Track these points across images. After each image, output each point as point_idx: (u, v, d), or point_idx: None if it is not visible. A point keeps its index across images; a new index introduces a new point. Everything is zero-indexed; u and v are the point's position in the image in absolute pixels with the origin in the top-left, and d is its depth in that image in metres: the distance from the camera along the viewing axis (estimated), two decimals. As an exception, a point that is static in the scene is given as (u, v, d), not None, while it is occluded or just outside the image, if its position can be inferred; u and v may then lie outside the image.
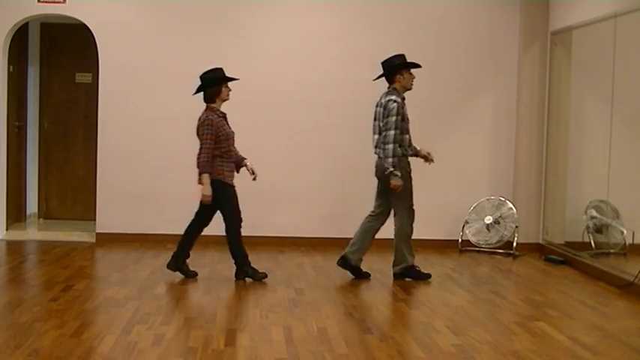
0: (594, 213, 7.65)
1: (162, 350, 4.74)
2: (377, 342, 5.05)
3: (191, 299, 6.04)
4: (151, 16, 8.53)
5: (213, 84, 6.71)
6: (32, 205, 9.67)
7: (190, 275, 6.80)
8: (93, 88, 9.09)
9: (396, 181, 6.63)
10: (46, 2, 8.40)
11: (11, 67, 8.75)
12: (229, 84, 6.79)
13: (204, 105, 8.51)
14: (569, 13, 8.11)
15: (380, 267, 7.55)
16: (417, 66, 6.79)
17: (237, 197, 6.72)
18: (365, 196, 8.60)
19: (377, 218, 6.97)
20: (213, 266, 7.38)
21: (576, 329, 5.51)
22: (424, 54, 8.62)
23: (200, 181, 6.61)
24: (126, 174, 8.51)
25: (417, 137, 8.53)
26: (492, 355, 4.85)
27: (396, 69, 6.74)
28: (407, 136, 6.75)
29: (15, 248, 8.12)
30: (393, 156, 6.62)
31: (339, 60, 8.59)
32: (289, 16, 8.59)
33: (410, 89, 6.80)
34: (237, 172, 6.85)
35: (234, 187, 6.73)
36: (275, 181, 8.52)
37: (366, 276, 6.94)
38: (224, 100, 6.77)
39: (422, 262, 7.90)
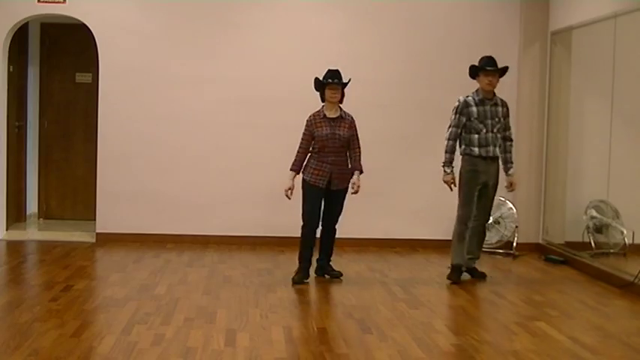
0: (594, 213, 7.65)
1: (162, 350, 4.74)
2: (377, 342, 5.06)
3: (191, 299, 6.04)
4: (151, 16, 8.53)
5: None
6: (32, 205, 9.67)
7: (335, 275, 6.94)
8: (93, 88, 9.09)
9: (444, 177, 6.89)
10: (46, 2, 8.39)
11: (11, 67, 8.75)
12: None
13: (204, 105, 8.56)
14: (569, 13, 8.11)
15: (380, 267, 7.56)
16: (484, 69, 6.85)
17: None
18: (364, 196, 8.61)
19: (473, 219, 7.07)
20: (214, 266, 7.38)
21: (576, 329, 5.51)
22: (425, 54, 8.65)
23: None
24: (126, 174, 8.52)
25: (418, 136, 8.53)
26: (492, 355, 4.85)
27: (472, 73, 6.94)
28: (475, 135, 6.84)
29: (15, 248, 8.12)
30: (446, 152, 6.86)
31: (339, 60, 8.56)
32: (289, 16, 8.59)
33: (486, 90, 6.88)
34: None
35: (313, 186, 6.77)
36: (275, 181, 8.50)
37: (482, 276, 7.10)
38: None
39: (422, 261, 7.92)
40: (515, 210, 8.41)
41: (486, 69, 6.85)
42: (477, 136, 6.84)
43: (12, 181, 8.88)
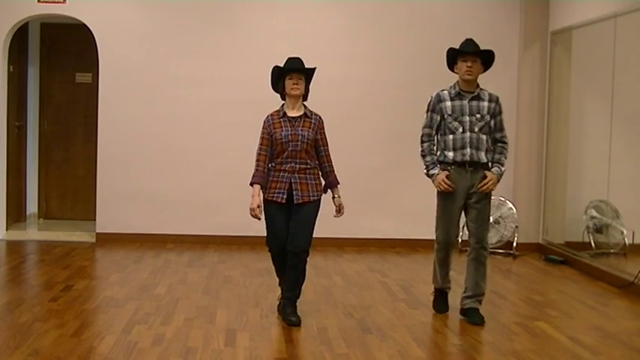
0: (594, 213, 7.65)
1: (162, 350, 4.74)
2: (377, 342, 5.06)
3: (191, 299, 6.04)
4: (151, 16, 8.53)
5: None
6: (32, 205, 9.67)
7: (291, 323, 5.45)
8: (93, 88, 9.09)
9: (435, 180, 5.65)
10: (46, 2, 8.39)
11: (11, 67, 8.75)
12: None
13: (204, 105, 8.56)
14: (569, 13, 8.11)
15: (379, 267, 7.55)
16: (463, 52, 5.65)
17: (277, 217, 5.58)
18: (364, 197, 8.63)
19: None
20: (214, 266, 7.38)
21: (576, 329, 5.51)
22: (424, 54, 8.64)
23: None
24: (126, 174, 8.52)
25: (419, 136, 8.53)
26: (492, 355, 4.85)
27: (449, 61, 5.76)
28: (450, 136, 5.62)
29: (15, 248, 8.12)
30: (423, 157, 5.71)
31: (341, 60, 8.59)
32: (289, 16, 8.59)
33: (465, 80, 5.65)
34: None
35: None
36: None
37: (480, 321, 5.62)
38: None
39: (422, 262, 7.91)
40: (515, 210, 8.41)
41: (464, 52, 5.60)
42: (451, 136, 5.59)
43: (12, 181, 8.88)
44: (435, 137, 5.76)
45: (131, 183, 8.52)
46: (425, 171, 5.73)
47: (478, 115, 5.60)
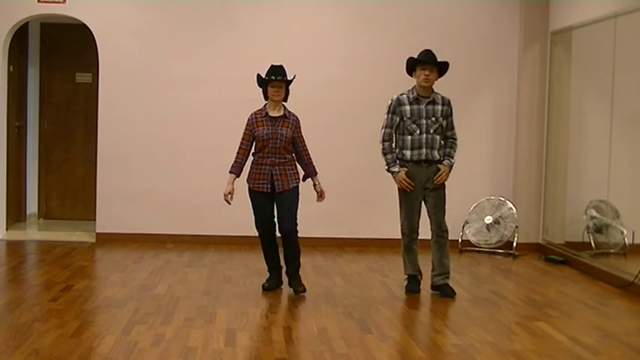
0: (594, 213, 7.65)
1: (162, 350, 4.74)
2: (377, 342, 5.06)
3: (191, 299, 6.04)
4: (151, 16, 8.53)
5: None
6: (32, 205, 9.67)
7: (299, 291, 6.33)
8: (93, 88, 9.09)
9: (396, 178, 6.37)
10: (46, 2, 8.40)
11: (11, 67, 8.75)
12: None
13: (204, 105, 8.56)
14: (569, 13, 8.11)
15: (379, 267, 7.55)
16: (422, 61, 6.30)
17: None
18: (364, 196, 8.63)
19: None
20: (213, 266, 7.38)
21: (576, 329, 5.51)
22: (424, 54, 8.65)
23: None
24: (126, 174, 8.52)
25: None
26: (492, 355, 4.85)
27: (409, 67, 6.43)
28: (408, 137, 6.35)
29: (15, 248, 8.12)
30: (384, 154, 6.41)
31: (340, 60, 8.59)
32: (289, 16, 8.59)
33: (422, 86, 6.31)
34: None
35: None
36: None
37: (451, 294, 6.37)
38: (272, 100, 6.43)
39: (422, 262, 7.90)
40: (515, 210, 8.41)
41: (422, 62, 6.27)
42: (409, 137, 6.31)
43: (12, 181, 8.89)
44: (394, 136, 6.45)
45: (131, 183, 8.52)
46: (386, 167, 6.45)
47: (433, 118, 6.33)
